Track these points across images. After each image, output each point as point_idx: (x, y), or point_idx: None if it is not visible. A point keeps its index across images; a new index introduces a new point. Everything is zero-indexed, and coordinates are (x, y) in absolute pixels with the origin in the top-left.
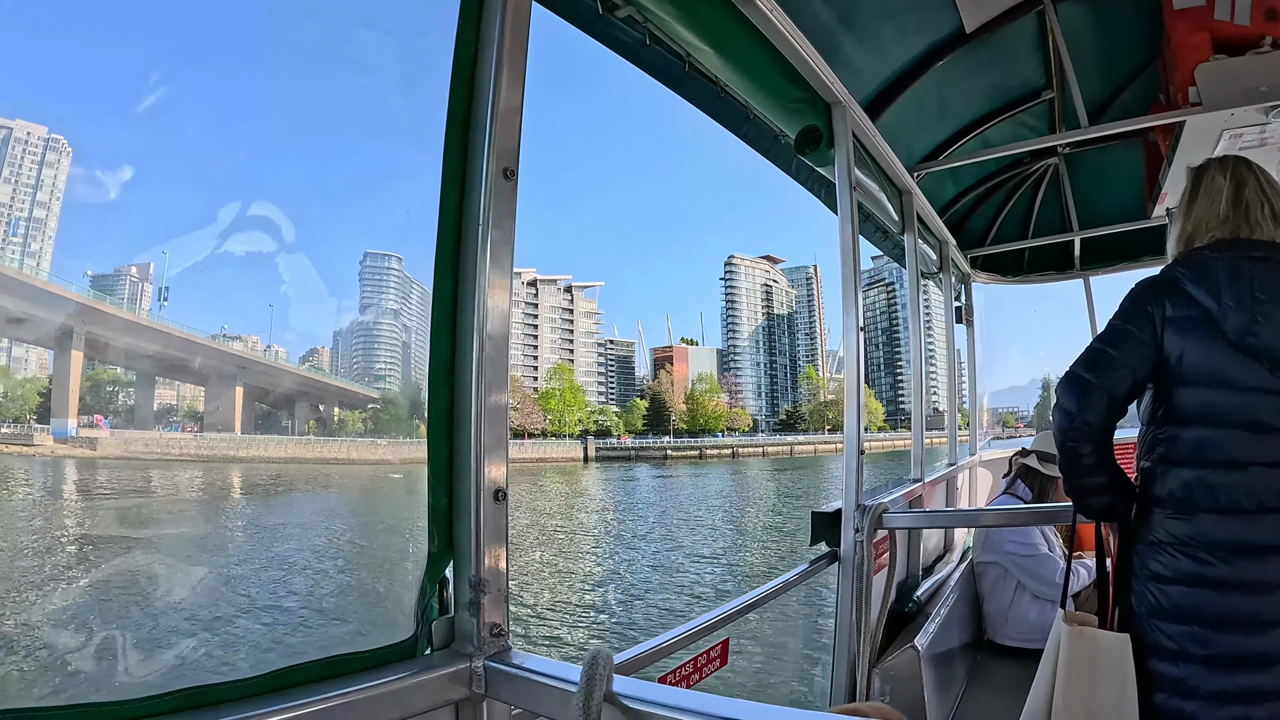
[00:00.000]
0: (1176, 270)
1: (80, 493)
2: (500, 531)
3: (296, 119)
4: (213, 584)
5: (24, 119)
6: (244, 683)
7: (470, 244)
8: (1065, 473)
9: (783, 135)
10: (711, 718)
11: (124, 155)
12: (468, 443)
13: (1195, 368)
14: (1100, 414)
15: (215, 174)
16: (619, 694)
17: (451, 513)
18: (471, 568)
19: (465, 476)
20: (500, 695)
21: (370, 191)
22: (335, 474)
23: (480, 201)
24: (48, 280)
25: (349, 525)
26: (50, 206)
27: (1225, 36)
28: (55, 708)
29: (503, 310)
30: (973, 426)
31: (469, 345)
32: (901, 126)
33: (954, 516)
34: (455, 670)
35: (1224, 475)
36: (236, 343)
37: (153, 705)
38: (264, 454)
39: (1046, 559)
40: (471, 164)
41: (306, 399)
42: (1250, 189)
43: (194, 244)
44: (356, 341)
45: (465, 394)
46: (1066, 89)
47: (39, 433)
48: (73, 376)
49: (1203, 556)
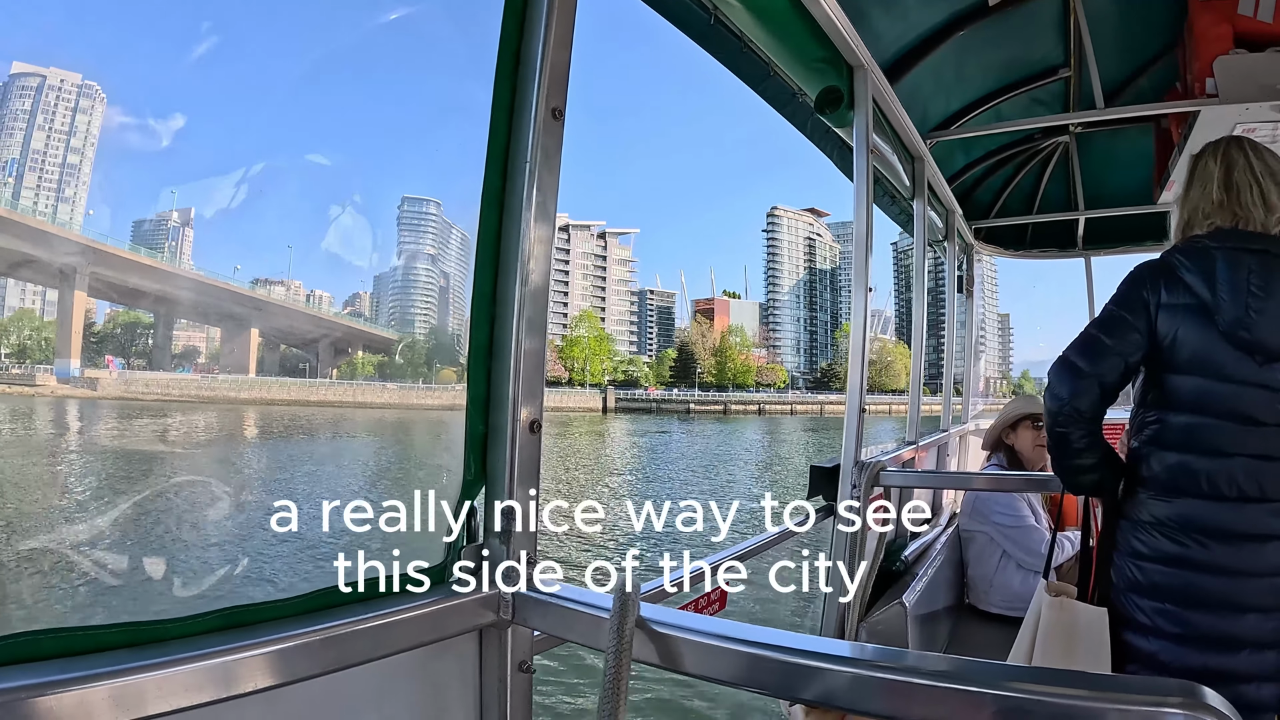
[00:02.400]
0: (1174, 257)
1: (75, 431)
2: (533, 462)
3: (339, 52)
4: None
5: (58, 66)
6: (282, 603)
7: (517, 180)
8: (1054, 455)
9: (801, 94)
10: (742, 642)
11: (160, 97)
12: (506, 374)
13: (1188, 356)
14: (1091, 401)
15: (254, 115)
16: (648, 619)
17: (487, 442)
18: (504, 496)
19: (502, 407)
20: (528, 621)
21: (419, 126)
22: (356, 416)
23: (529, 139)
24: (79, 232)
25: (369, 464)
26: (84, 152)
27: (1247, 31)
28: (94, 627)
29: (546, 246)
30: (966, 395)
31: (511, 279)
32: (917, 92)
33: (948, 478)
34: (484, 596)
35: (1209, 463)
36: (279, 287)
37: (193, 625)
38: (277, 396)
39: (1033, 530)
40: (521, 101)
41: (330, 342)
42: (1240, 171)
43: (229, 187)
44: (394, 287)
45: (506, 327)
46: (1084, 68)
47: (41, 373)
48: (75, 318)
49: (1181, 539)
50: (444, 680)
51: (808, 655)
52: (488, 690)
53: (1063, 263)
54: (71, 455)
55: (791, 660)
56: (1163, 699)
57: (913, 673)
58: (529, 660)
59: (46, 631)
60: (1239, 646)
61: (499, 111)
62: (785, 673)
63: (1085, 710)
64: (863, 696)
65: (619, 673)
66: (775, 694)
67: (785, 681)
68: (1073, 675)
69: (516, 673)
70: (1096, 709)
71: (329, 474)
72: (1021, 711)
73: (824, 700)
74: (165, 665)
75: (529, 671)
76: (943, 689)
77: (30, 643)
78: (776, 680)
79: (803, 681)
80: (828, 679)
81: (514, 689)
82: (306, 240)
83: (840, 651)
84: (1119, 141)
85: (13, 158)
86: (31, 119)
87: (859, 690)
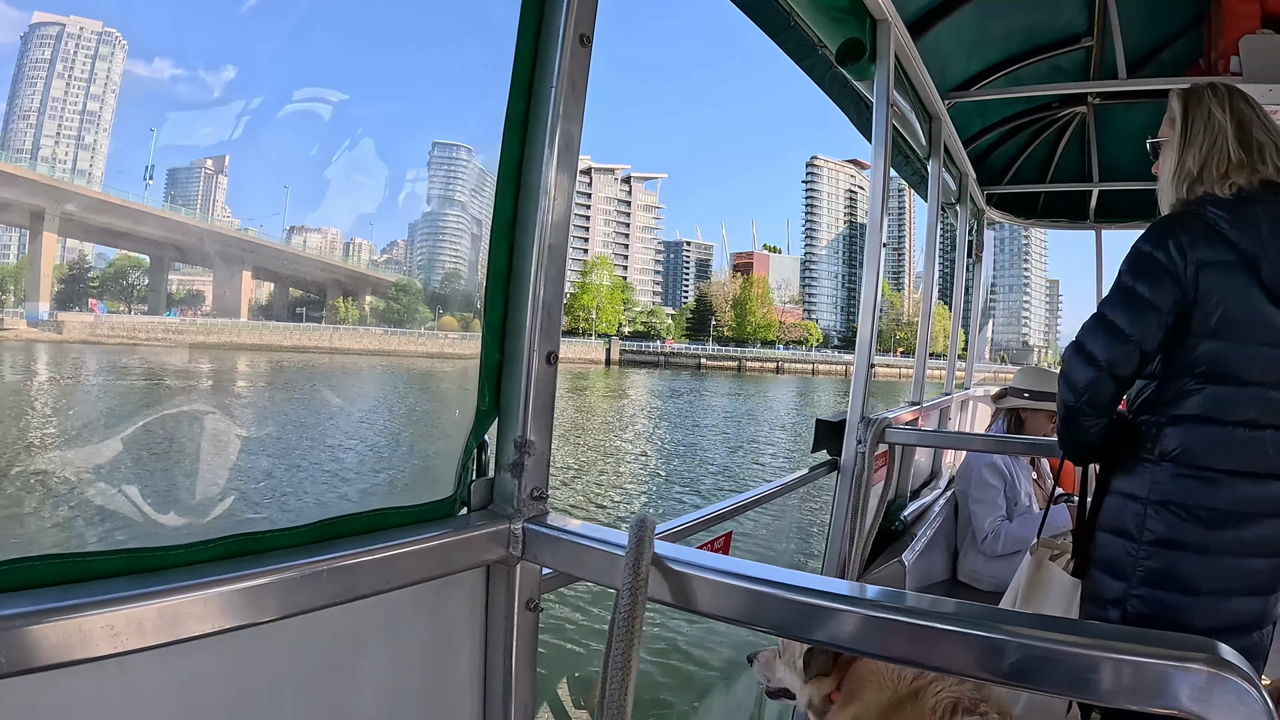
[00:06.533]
0: (1208, 209)
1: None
2: (549, 394)
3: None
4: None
5: (77, 14)
6: (289, 531)
7: (542, 105)
8: (1063, 437)
9: (821, 45)
10: (757, 580)
11: (179, 38)
12: (525, 300)
13: (1226, 318)
14: (1108, 395)
15: (275, 52)
16: (663, 556)
17: (502, 372)
18: (518, 428)
19: (519, 335)
20: (538, 557)
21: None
22: (352, 362)
23: (555, 64)
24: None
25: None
26: (105, 100)
27: (1275, 11)
28: (93, 553)
29: (570, 174)
30: (970, 360)
31: (532, 205)
32: (938, 51)
33: (953, 438)
34: (494, 530)
35: (1245, 434)
36: (315, 234)
37: (197, 552)
38: (267, 341)
39: (989, 509)
40: (548, 26)
41: (338, 287)
42: (1257, 129)
43: (253, 130)
44: (425, 233)
45: (525, 254)
46: (1108, 38)
47: (10, 317)
48: (44, 259)
49: (1185, 518)
50: (450, 616)
51: (831, 597)
52: (493, 628)
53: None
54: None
55: (813, 601)
56: (1186, 654)
57: (945, 619)
58: (536, 598)
59: (43, 558)
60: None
61: (525, 35)
62: (804, 613)
63: (1108, 661)
64: (887, 640)
65: (634, 610)
66: (792, 635)
67: (804, 622)
68: (1096, 627)
69: (524, 611)
70: (1116, 660)
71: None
72: (1047, 661)
73: (847, 644)
74: (166, 594)
75: (536, 610)
76: (977, 636)
77: (26, 569)
78: (796, 621)
79: (823, 623)
80: (851, 622)
81: (520, 627)
82: (335, 185)
83: (869, 595)
84: (1137, 115)
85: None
86: (51, 67)
87: (881, 633)
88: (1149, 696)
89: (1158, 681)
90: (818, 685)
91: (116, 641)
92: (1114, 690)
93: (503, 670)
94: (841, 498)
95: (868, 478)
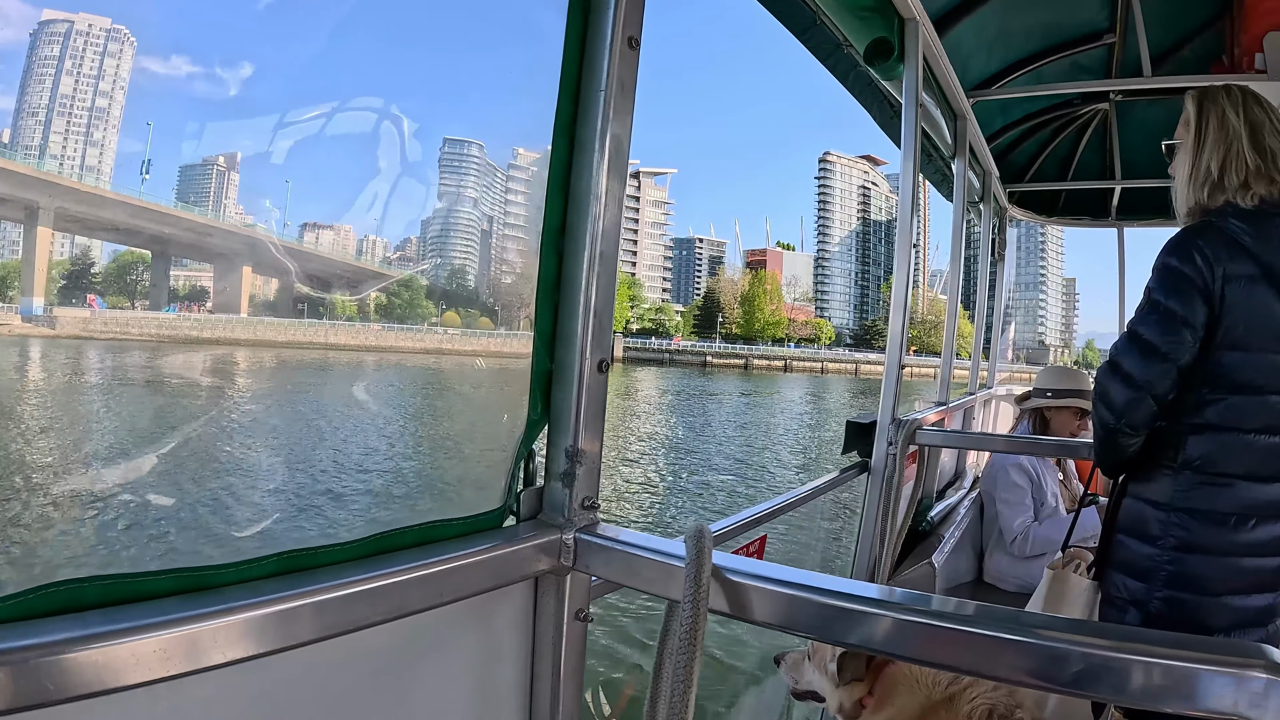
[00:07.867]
0: (1230, 223)
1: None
2: (600, 402)
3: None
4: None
5: (85, 11)
6: (341, 547)
7: (591, 109)
8: (1100, 452)
9: (846, 44)
10: (820, 591)
11: (192, 33)
12: (575, 308)
13: (1251, 329)
14: (1147, 415)
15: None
16: (721, 567)
17: (552, 381)
18: (570, 437)
19: (570, 343)
20: (590, 568)
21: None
22: (366, 359)
23: (604, 67)
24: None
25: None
26: (114, 96)
27: None
28: (142, 574)
29: (620, 180)
30: (993, 359)
31: (583, 211)
32: (960, 49)
33: (984, 439)
34: (545, 541)
35: (1265, 441)
36: (328, 231)
37: (249, 570)
38: (264, 337)
39: (1019, 509)
40: (595, 29)
41: (342, 282)
42: (1270, 133)
43: (275, 126)
44: (436, 229)
45: (576, 261)
46: (1130, 35)
47: (4, 311)
48: (39, 254)
49: (1204, 523)
50: (497, 627)
51: (896, 608)
52: (540, 638)
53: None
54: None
55: (876, 612)
56: (1244, 660)
57: (996, 626)
58: (586, 608)
59: (90, 579)
60: (1209, 632)
61: (572, 39)
62: (859, 622)
63: (1164, 669)
64: (952, 652)
65: (695, 622)
66: (849, 645)
67: (849, 629)
68: (1150, 634)
69: (573, 621)
70: (1174, 668)
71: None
72: (1106, 669)
73: (912, 655)
74: (219, 614)
75: (586, 620)
76: (1032, 645)
77: (74, 591)
78: (847, 628)
79: (872, 628)
80: (901, 627)
81: (569, 637)
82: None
83: (944, 608)
84: (1159, 111)
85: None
86: (59, 64)
87: (944, 641)
88: (1200, 701)
89: (1211, 687)
90: (850, 690)
91: (169, 665)
92: (1165, 696)
93: (550, 681)
94: (872, 499)
95: (899, 479)
